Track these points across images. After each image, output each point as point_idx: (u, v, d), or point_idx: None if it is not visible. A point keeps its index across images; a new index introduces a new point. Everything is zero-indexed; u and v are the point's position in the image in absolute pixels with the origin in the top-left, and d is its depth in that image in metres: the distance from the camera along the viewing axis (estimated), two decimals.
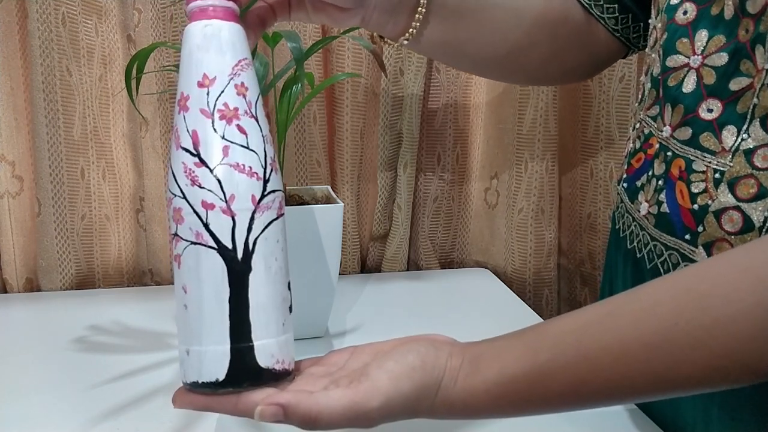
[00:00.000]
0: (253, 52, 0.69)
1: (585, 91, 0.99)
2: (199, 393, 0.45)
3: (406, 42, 0.61)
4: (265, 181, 0.45)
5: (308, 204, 0.76)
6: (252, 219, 0.44)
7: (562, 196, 1.07)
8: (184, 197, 0.44)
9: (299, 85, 0.71)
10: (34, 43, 0.87)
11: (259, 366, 0.44)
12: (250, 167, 0.44)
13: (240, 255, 0.44)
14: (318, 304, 0.78)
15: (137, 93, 0.69)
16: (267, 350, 0.45)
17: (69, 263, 0.95)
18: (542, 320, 0.88)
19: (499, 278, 1.04)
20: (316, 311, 0.78)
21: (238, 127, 0.44)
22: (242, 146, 0.44)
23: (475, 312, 0.91)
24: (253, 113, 0.45)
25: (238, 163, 0.44)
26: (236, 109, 0.44)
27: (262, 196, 0.45)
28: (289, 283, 0.47)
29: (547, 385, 0.42)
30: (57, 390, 0.68)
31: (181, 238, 0.44)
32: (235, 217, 0.44)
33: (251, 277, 0.44)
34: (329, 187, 0.83)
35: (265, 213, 0.45)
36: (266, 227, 0.45)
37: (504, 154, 1.03)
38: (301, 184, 0.99)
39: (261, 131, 0.45)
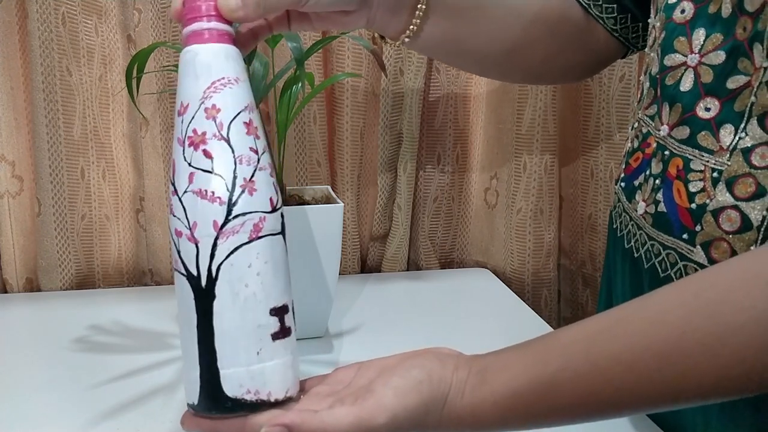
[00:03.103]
0: (253, 52, 0.69)
1: (585, 91, 0.99)
2: (199, 415, 0.45)
3: (407, 40, 0.61)
4: (231, 205, 0.43)
5: (308, 204, 0.76)
6: (215, 245, 0.43)
7: (564, 196, 1.07)
8: (168, 226, 0.45)
9: (299, 85, 0.71)
10: (34, 43, 0.87)
11: (226, 395, 0.43)
12: (213, 192, 0.43)
13: (204, 282, 0.43)
14: (318, 304, 0.78)
15: (138, 93, 0.69)
16: (235, 379, 0.43)
17: (69, 263, 0.95)
18: (542, 320, 0.88)
19: (499, 278, 1.04)
20: (316, 311, 0.78)
21: (204, 151, 0.43)
22: (206, 171, 0.43)
23: (475, 312, 0.91)
24: (224, 135, 0.44)
25: (200, 189, 0.43)
26: (204, 133, 0.44)
27: (226, 221, 0.43)
28: (283, 307, 0.45)
29: (555, 396, 0.41)
30: (57, 390, 0.68)
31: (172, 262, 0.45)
32: (198, 244, 0.43)
33: (215, 304, 0.43)
34: (329, 187, 0.83)
35: (230, 238, 0.43)
36: (231, 253, 0.43)
37: (503, 154, 1.03)
38: (301, 184, 0.98)
39: (232, 152, 0.44)
